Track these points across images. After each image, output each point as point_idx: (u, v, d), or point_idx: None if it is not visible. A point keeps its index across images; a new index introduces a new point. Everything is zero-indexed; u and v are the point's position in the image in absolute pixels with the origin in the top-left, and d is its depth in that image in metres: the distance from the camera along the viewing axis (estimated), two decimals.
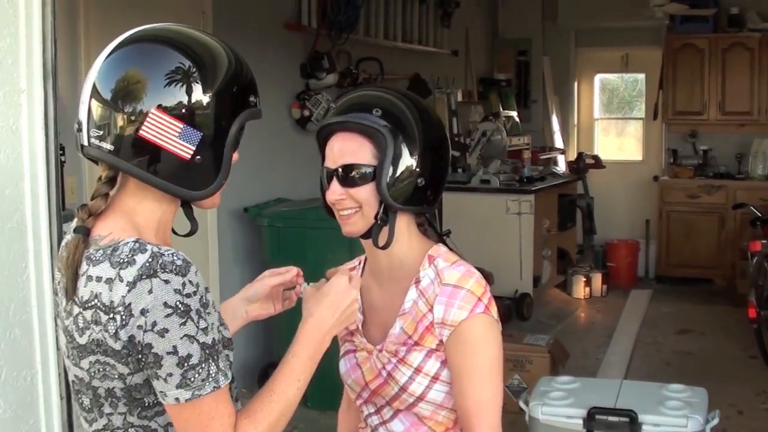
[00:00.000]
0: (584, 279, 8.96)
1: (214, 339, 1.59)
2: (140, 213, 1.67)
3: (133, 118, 1.59)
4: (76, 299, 1.61)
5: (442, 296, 1.93)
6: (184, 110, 1.61)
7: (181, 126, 1.60)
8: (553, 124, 10.50)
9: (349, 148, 1.92)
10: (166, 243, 1.70)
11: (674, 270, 9.51)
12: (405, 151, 1.91)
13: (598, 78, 10.88)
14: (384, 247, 1.95)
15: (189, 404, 1.57)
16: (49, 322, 2.57)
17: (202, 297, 1.58)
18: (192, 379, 1.56)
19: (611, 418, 3.60)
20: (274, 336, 5.87)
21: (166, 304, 1.53)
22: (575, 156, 9.90)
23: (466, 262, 1.98)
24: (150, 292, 1.52)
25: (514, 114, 9.84)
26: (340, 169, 1.92)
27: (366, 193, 1.92)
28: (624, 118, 11.09)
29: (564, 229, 9.06)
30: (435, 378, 1.95)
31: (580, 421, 3.68)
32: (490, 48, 10.35)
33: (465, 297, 1.92)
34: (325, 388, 5.55)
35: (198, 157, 1.63)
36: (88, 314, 1.59)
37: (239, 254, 5.97)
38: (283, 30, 6.30)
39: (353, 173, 1.92)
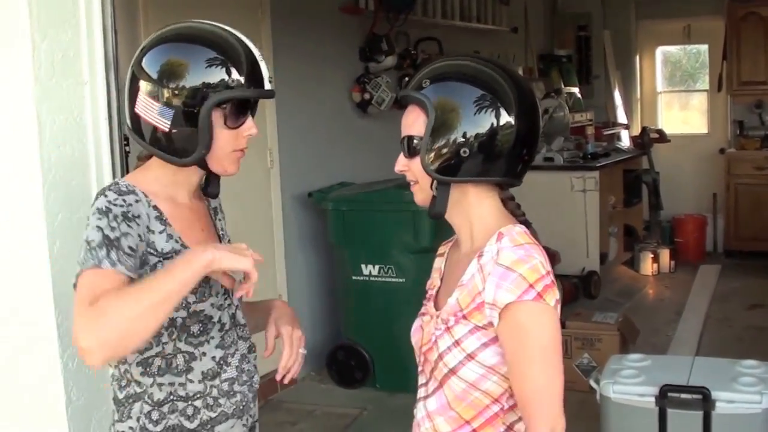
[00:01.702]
0: (652, 255, 8.86)
1: (118, 239, 1.88)
2: (153, 171, 2.05)
3: (132, 98, 1.98)
4: None
5: (494, 276, 1.88)
6: (160, 92, 1.94)
7: (158, 105, 1.94)
8: (616, 99, 10.36)
9: (408, 120, 1.97)
10: (174, 199, 2.06)
11: (743, 244, 9.36)
12: (454, 122, 1.90)
13: (660, 50, 10.71)
14: (433, 217, 2.01)
15: (81, 275, 1.86)
16: None
17: (128, 213, 1.92)
18: (86, 257, 1.87)
19: (684, 396, 3.56)
20: (340, 320, 5.90)
21: (98, 209, 1.92)
22: (639, 131, 9.78)
23: (535, 246, 1.92)
24: (96, 201, 1.94)
25: (575, 90, 9.74)
26: (403, 141, 1.97)
27: (419, 164, 1.94)
28: (687, 91, 10.91)
29: (630, 205, 8.95)
30: (471, 356, 1.92)
31: (653, 399, 3.63)
32: (549, 24, 10.24)
33: (515, 281, 1.86)
34: (393, 370, 5.64)
35: (174, 130, 1.95)
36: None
37: (304, 238, 6.01)
38: (340, 14, 6.29)
39: (410, 144, 1.96)
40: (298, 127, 5.88)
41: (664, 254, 8.97)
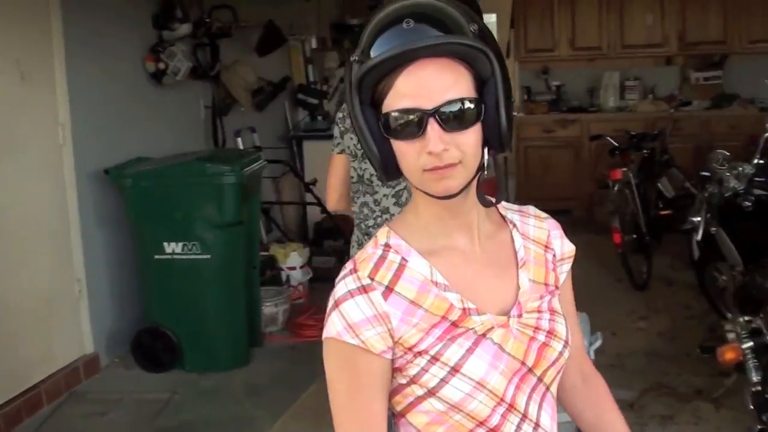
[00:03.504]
0: None
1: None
2: None
3: None
4: None
5: (555, 230, 1.70)
6: None
7: None
8: None
9: (447, 80, 1.41)
10: None
11: (534, 203, 9.58)
12: (507, 74, 1.48)
13: None
14: (491, 204, 1.56)
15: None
16: None
17: None
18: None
19: None
20: (144, 302, 5.65)
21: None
22: None
23: None
24: None
25: None
26: (443, 110, 1.40)
27: (474, 136, 1.43)
28: None
29: None
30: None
31: None
32: None
33: (560, 227, 1.74)
34: (202, 351, 5.48)
35: None
36: None
37: (103, 218, 5.66)
38: None
39: (460, 113, 1.41)
40: (91, 101, 5.53)
41: None
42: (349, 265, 1.51)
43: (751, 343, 3.84)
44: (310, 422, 4.83)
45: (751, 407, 3.95)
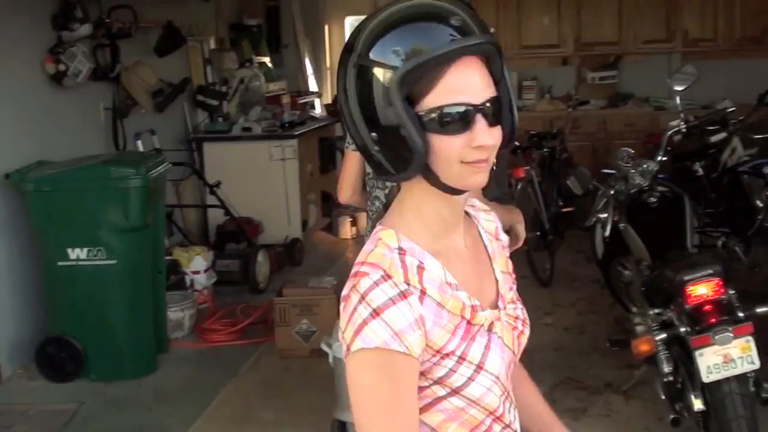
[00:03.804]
0: (350, 219, 9.05)
1: None
2: None
3: None
4: None
5: (498, 221, 1.75)
6: None
7: None
8: (307, 68, 10.40)
9: (486, 78, 1.44)
10: None
11: None
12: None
13: (349, 21, 10.85)
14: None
15: None
16: None
17: None
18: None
19: None
20: (48, 311, 5.49)
21: None
22: (331, 99, 9.87)
23: None
24: None
25: (266, 60, 9.66)
26: (488, 104, 1.44)
27: (500, 131, 1.47)
28: None
29: (325, 172, 9.08)
30: None
31: None
32: None
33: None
34: (108, 359, 5.36)
35: None
36: None
37: (3, 224, 5.48)
38: None
39: (497, 109, 1.45)
40: None
41: (362, 218, 9.15)
42: (375, 272, 1.46)
43: (663, 335, 3.92)
44: (223, 427, 4.78)
45: (663, 397, 4.05)
